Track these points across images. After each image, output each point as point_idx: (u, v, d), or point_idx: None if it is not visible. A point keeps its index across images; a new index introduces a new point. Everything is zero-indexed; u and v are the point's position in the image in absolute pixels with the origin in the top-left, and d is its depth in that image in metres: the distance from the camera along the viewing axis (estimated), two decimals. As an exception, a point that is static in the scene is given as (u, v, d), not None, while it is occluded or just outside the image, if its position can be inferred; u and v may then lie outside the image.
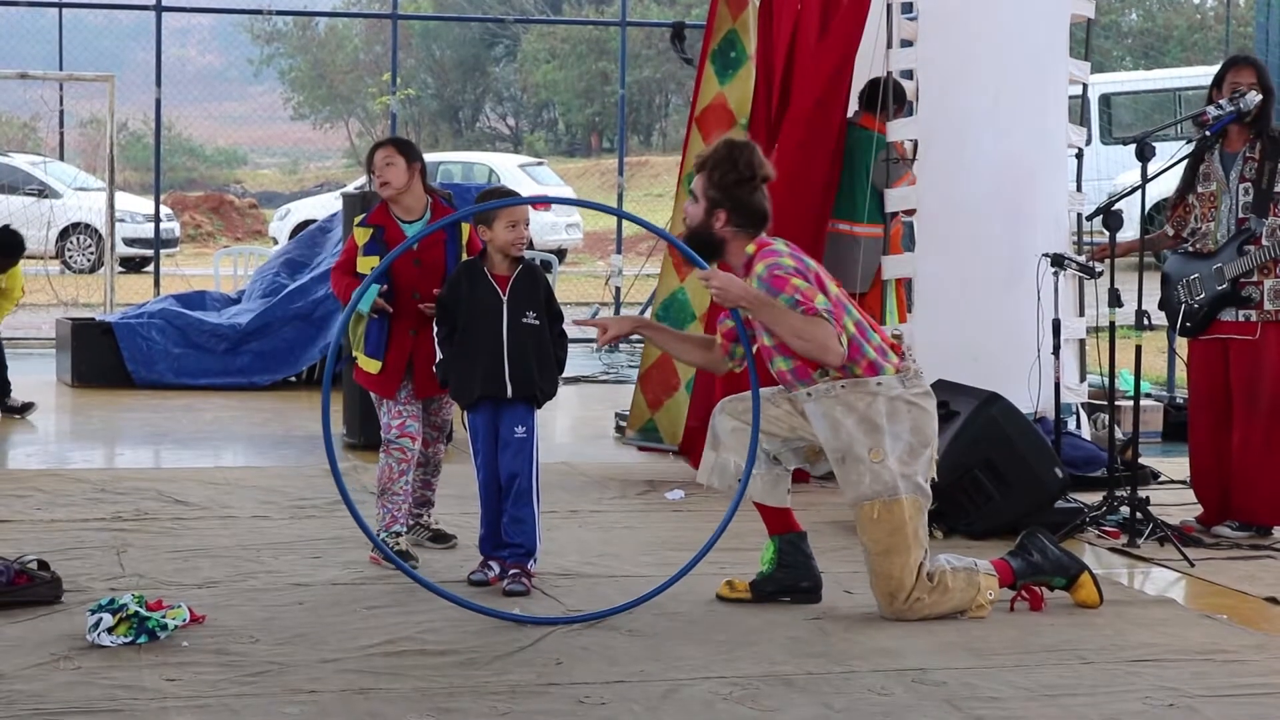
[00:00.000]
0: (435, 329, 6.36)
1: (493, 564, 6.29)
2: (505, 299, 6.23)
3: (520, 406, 6.24)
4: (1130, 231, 7.93)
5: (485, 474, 6.28)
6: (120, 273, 18.18)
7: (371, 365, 6.67)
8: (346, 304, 6.40)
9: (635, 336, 15.97)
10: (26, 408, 10.81)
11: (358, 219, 6.86)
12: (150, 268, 17.98)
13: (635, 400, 9.47)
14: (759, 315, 5.84)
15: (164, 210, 21.79)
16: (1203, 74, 20.98)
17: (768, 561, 6.13)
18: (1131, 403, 7.79)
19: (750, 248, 5.94)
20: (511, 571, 6.20)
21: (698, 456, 8.65)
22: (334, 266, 6.88)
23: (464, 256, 6.61)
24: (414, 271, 6.61)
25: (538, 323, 6.26)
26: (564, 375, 6.58)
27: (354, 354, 6.75)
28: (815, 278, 5.86)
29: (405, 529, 6.69)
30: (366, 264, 6.62)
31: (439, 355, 6.35)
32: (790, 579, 6.11)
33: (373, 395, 6.79)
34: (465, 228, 6.66)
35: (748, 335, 5.96)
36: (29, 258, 11.53)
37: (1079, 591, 6.11)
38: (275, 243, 25.52)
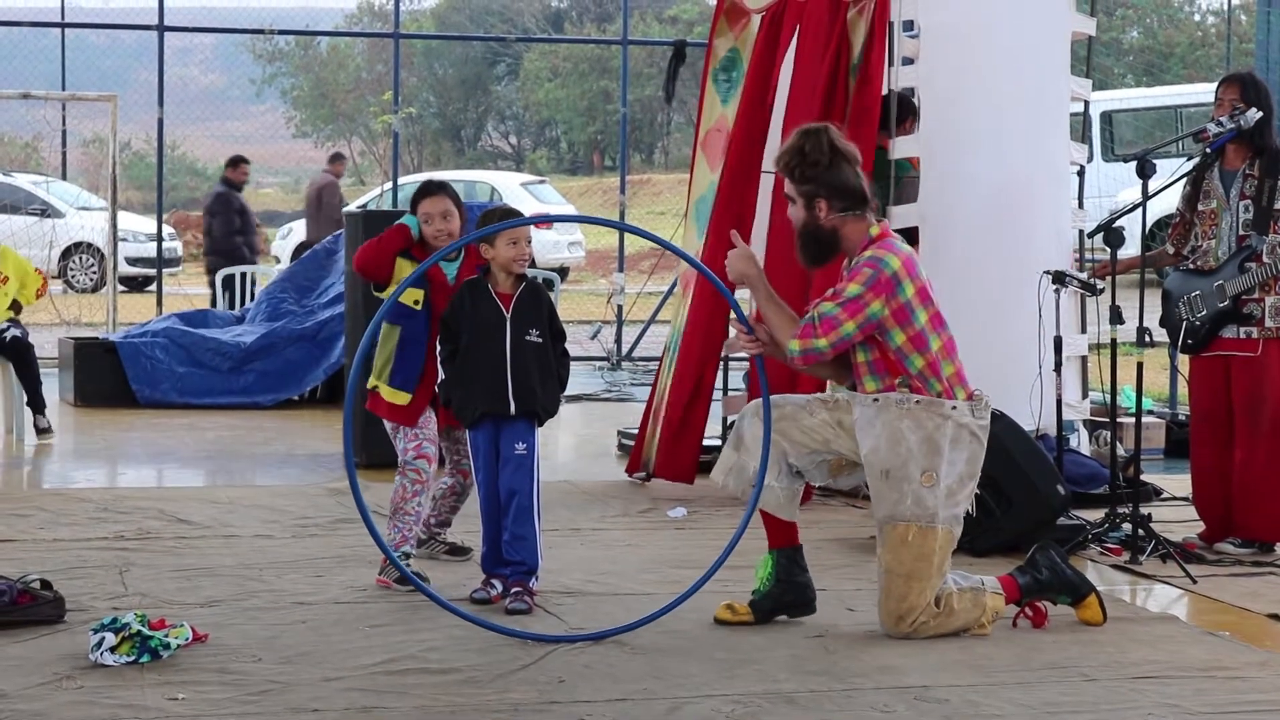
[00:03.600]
0: (438, 348, 6.37)
1: (495, 582, 6.29)
2: (509, 316, 6.23)
3: (521, 423, 6.24)
4: (1131, 248, 7.94)
5: (486, 492, 6.28)
6: (123, 292, 18.19)
7: (399, 398, 6.59)
8: (375, 255, 6.48)
9: (639, 354, 15.95)
10: (47, 431, 10.81)
11: (410, 220, 6.61)
12: (153, 287, 17.99)
13: (645, 439, 9.14)
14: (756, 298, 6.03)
15: (166, 229, 21.83)
16: (1204, 91, 21.00)
17: (764, 578, 6.11)
18: (1133, 420, 7.79)
19: (875, 230, 5.91)
20: (514, 590, 6.20)
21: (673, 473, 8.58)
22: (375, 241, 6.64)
23: None
24: None
25: (540, 340, 6.27)
26: (566, 394, 6.58)
27: (374, 382, 6.65)
28: (920, 290, 5.83)
29: (414, 549, 6.67)
30: (409, 295, 6.52)
31: (441, 375, 6.35)
32: (788, 595, 6.09)
33: (387, 424, 6.72)
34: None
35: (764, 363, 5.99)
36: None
37: (1084, 610, 6.10)
38: (277, 262, 25.52)
